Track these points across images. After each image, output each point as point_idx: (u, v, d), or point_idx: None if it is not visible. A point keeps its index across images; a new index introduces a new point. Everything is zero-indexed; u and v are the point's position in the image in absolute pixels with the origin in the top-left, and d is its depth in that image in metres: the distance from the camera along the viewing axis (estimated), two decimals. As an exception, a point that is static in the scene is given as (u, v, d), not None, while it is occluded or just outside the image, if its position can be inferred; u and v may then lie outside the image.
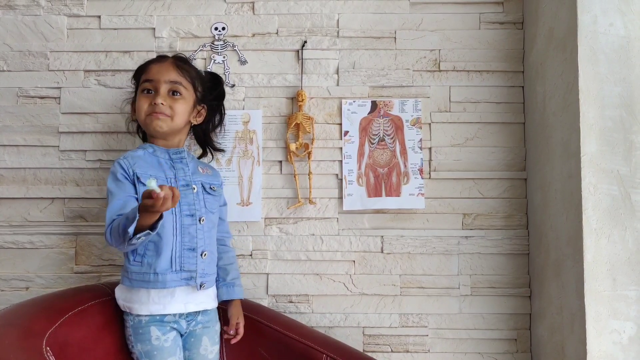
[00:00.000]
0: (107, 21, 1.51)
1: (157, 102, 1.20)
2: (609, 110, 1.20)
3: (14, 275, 1.46)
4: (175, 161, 1.23)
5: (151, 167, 1.20)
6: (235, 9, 1.53)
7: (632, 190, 1.19)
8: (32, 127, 1.49)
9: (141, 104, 1.22)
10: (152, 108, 1.20)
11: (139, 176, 1.16)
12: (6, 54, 1.50)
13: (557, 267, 1.30)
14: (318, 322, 1.46)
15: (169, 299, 1.16)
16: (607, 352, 1.15)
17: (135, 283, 1.15)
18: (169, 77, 1.23)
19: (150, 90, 1.22)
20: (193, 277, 1.17)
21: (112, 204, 1.14)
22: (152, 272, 1.14)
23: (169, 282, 1.15)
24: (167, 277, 1.15)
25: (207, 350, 1.22)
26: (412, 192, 1.47)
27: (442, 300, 1.47)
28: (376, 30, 1.52)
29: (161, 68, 1.24)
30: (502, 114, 1.51)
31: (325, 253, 1.48)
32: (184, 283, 1.16)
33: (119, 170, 1.17)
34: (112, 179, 1.17)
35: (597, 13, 1.21)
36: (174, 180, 1.21)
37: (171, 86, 1.22)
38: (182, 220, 1.18)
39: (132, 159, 1.19)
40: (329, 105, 1.51)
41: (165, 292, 1.15)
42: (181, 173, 1.22)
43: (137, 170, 1.17)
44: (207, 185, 1.26)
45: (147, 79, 1.23)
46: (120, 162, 1.18)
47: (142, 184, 1.15)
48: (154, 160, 1.21)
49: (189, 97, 1.25)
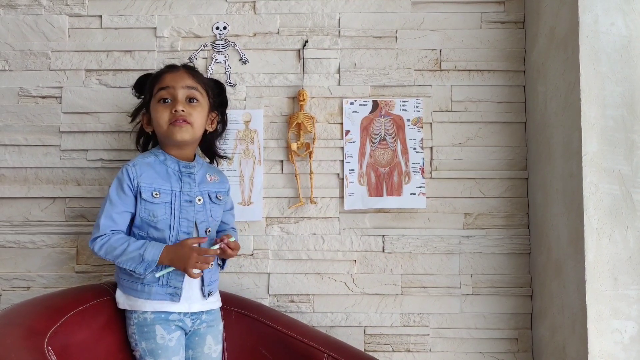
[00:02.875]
0: (108, 21, 1.51)
1: (178, 109, 1.19)
2: (610, 110, 1.20)
3: (15, 275, 1.46)
4: (184, 174, 1.23)
5: (158, 177, 1.20)
6: (237, 8, 1.53)
7: (633, 189, 1.18)
8: (34, 127, 1.49)
9: (160, 114, 1.21)
10: (173, 116, 1.20)
11: (142, 190, 1.17)
12: (7, 53, 1.50)
13: (558, 266, 1.30)
14: (319, 321, 1.46)
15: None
16: (609, 351, 1.15)
17: (126, 290, 1.18)
18: (185, 83, 1.23)
19: (167, 100, 1.22)
20: (177, 294, 1.17)
21: (110, 213, 1.16)
22: (139, 282, 1.16)
23: (154, 295, 1.16)
24: (153, 289, 1.16)
25: (211, 350, 1.22)
26: (414, 192, 1.47)
27: (443, 299, 1.47)
28: (377, 30, 1.52)
29: (175, 76, 1.24)
30: (503, 114, 1.51)
31: (327, 252, 1.48)
32: (167, 298, 1.16)
33: (125, 180, 1.17)
34: (116, 185, 1.18)
35: (599, 12, 1.21)
36: (180, 193, 1.20)
37: (188, 92, 1.23)
38: (179, 235, 1.19)
39: (140, 168, 1.19)
40: (330, 104, 1.51)
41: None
42: (187, 187, 1.22)
43: (142, 183, 1.17)
44: (213, 195, 1.26)
45: (162, 86, 1.22)
46: (128, 171, 1.18)
47: (143, 200, 1.17)
48: (162, 169, 1.21)
49: (204, 103, 1.26)
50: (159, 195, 1.18)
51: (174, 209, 1.19)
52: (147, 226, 1.18)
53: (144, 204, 1.17)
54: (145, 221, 1.17)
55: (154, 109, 1.22)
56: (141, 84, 1.31)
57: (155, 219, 1.17)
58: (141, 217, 1.17)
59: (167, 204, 1.18)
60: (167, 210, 1.18)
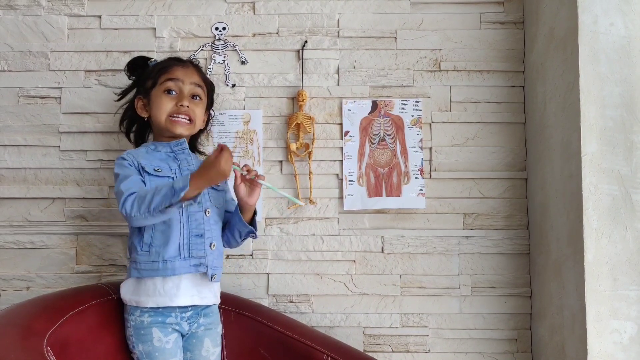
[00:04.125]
0: (107, 21, 1.51)
1: (184, 104, 1.22)
2: (609, 110, 1.20)
3: (14, 275, 1.46)
4: (178, 152, 1.24)
5: (155, 159, 1.21)
6: (236, 8, 1.53)
7: (632, 190, 1.18)
8: (33, 127, 1.49)
9: (164, 104, 1.22)
10: (177, 110, 1.22)
11: (144, 166, 1.17)
12: (7, 54, 1.50)
13: (557, 267, 1.30)
14: (319, 322, 1.46)
15: (175, 291, 1.15)
16: (608, 352, 1.15)
17: (145, 272, 1.15)
18: (193, 80, 1.25)
19: (172, 91, 1.23)
20: (202, 264, 1.17)
21: (128, 179, 1.14)
22: (160, 259, 1.14)
23: (178, 269, 1.15)
24: (176, 263, 1.15)
25: (209, 352, 1.22)
26: (413, 192, 1.47)
27: (442, 300, 1.47)
28: (377, 30, 1.52)
29: (186, 70, 1.26)
30: (502, 114, 1.51)
31: (326, 253, 1.48)
32: (193, 270, 1.16)
33: (124, 162, 1.18)
34: (119, 166, 1.18)
35: (598, 13, 1.21)
36: (179, 171, 1.21)
37: (194, 89, 1.25)
38: (189, 209, 1.18)
39: (135, 154, 1.21)
40: (330, 105, 1.51)
41: (172, 283, 1.15)
42: (185, 163, 1.23)
43: (142, 162, 1.18)
44: None
45: (171, 78, 1.23)
46: (124, 156, 1.20)
47: (147, 173, 1.17)
48: (156, 156, 1.23)
49: (204, 101, 1.29)
50: (161, 171, 1.19)
51: None
52: None
53: (149, 177, 1.17)
54: None
55: (157, 98, 1.23)
56: (136, 65, 1.32)
57: None
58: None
59: (170, 178, 1.19)
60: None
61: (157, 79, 1.25)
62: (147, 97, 1.26)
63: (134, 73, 1.32)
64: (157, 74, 1.25)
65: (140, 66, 1.31)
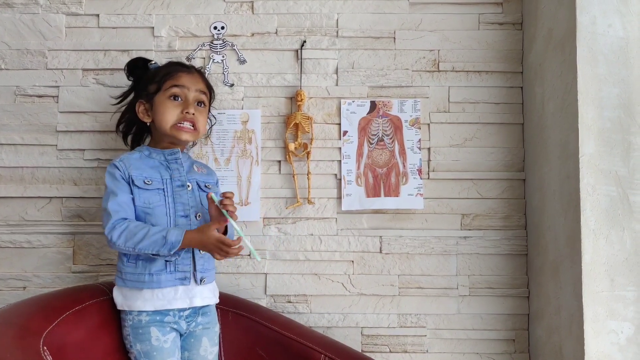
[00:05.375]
0: (105, 20, 1.51)
1: (190, 111, 1.22)
2: (607, 111, 1.20)
3: (11, 275, 1.46)
4: (171, 162, 1.24)
5: (147, 168, 1.21)
6: (235, 8, 1.52)
7: (630, 191, 1.19)
8: (30, 126, 1.48)
9: (170, 111, 1.22)
10: (183, 117, 1.22)
11: (134, 179, 1.17)
12: (4, 52, 1.50)
13: (555, 267, 1.30)
14: (316, 322, 1.46)
15: (174, 294, 1.16)
16: (605, 352, 1.15)
17: (130, 284, 1.16)
18: (199, 87, 1.26)
19: (177, 98, 1.23)
20: (187, 278, 1.17)
21: (118, 199, 1.15)
22: (147, 272, 1.15)
23: (164, 282, 1.15)
24: (162, 277, 1.15)
25: (207, 351, 1.22)
26: (411, 193, 1.47)
27: (440, 300, 1.47)
28: (375, 30, 1.52)
29: (192, 77, 1.26)
30: (500, 115, 1.51)
31: (324, 253, 1.48)
32: (178, 283, 1.17)
33: (116, 172, 1.18)
34: (110, 177, 1.18)
35: (596, 14, 1.21)
36: (170, 181, 1.21)
37: (199, 96, 1.26)
38: (177, 221, 1.19)
39: (127, 161, 1.20)
40: (328, 105, 1.51)
41: (169, 288, 1.16)
42: (176, 173, 1.23)
43: (133, 173, 1.18)
44: (202, 184, 1.27)
45: (177, 84, 1.23)
46: (116, 164, 1.19)
47: (136, 187, 1.17)
48: (149, 163, 1.22)
49: (207, 107, 1.30)
50: (151, 183, 1.19)
51: (168, 195, 1.20)
52: (144, 214, 1.17)
53: (138, 192, 1.17)
54: (142, 209, 1.17)
55: (161, 104, 1.23)
56: (135, 66, 1.31)
57: (152, 206, 1.17)
58: (137, 205, 1.17)
59: (160, 190, 1.19)
60: (161, 197, 1.19)
61: (161, 84, 1.23)
62: (149, 101, 1.25)
63: (134, 74, 1.32)
64: (161, 78, 1.24)
65: (139, 67, 1.31)
